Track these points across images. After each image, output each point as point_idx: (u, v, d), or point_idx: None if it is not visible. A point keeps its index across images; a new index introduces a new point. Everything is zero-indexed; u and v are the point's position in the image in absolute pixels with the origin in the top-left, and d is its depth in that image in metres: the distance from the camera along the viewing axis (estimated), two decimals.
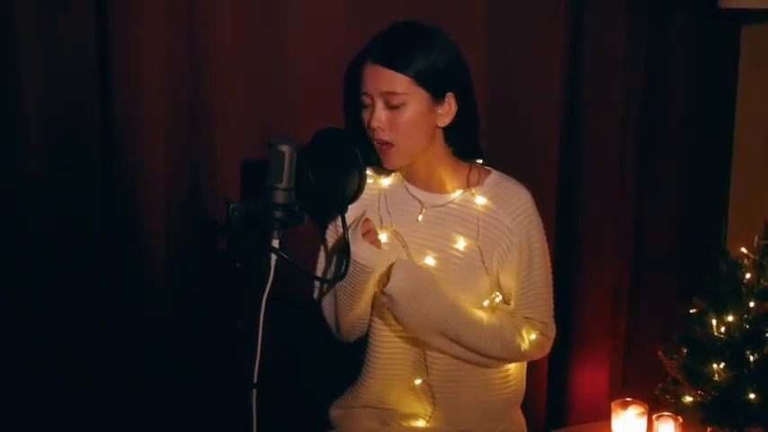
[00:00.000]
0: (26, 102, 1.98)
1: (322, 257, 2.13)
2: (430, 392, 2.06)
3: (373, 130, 1.95)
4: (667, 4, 2.58)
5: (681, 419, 2.31)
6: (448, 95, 1.98)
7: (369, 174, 2.02)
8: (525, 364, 2.18)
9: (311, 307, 2.14)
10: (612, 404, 2.44)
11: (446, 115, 1.99)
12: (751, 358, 2.14)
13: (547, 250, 2.10)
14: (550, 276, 2.11)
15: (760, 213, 2.22)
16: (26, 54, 1.97)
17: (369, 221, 1.97)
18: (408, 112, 1.94)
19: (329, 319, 2.10)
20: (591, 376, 2.63)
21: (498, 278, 2.04)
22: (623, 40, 2.50)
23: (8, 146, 1.99)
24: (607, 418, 2.45)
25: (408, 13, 2.14)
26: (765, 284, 2.16)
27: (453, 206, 2.04)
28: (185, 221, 2.14)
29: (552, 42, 2.42)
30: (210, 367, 2.11)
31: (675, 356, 2.23)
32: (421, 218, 2.04)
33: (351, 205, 1.91)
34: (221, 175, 2.14)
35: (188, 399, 2.15)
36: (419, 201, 2.05)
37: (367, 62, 1.95)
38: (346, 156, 1.86)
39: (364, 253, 1.92)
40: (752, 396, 2.12)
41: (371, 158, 1.97)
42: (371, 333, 2.07)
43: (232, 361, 1.84)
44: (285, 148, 1.79)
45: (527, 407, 2.26)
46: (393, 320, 2.01)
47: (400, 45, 1.94)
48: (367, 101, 1.97)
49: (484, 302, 2.05)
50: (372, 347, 2.07)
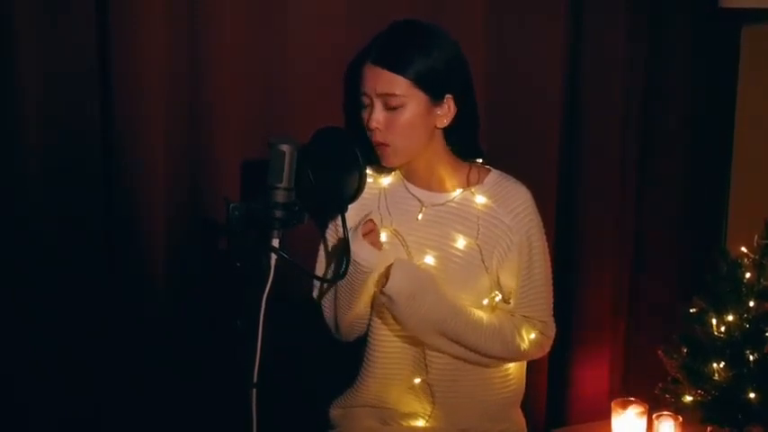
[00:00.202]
0: (26, 102, 1.98)
1: (322, 257, 2.13)
2: (429, 392, 2.07)
3: (371, 131, 1.95)
4: (667, 4, 2.58)
5: (681, 419, 2.32)
6: (447, 97, 1.98)
7: (369, 173, 2.02)
8: (525, 364, 2.18)
9: (311, 307, 2.14)
10: (612, 403, 2.44)
11: (445, 116, 1.99)
12: (751, 358, 2.14)
13: (547, 249, 2.10)
14: (550, 275, 2.11)
15: (760, 213, 2.22)
16: (26, 54, 1.97)
17: (371, 222, 1.97)
18: (406, 114, 1.94)
19: (328, 319, 2.11)
20: (591, 375, 2.63)
21: (498, 277, 2.04)
22: (623, 40, 2.51)
23: (8, 146, 1.99)
24: (607, 418, 2.45)
25: (408, 13, 2.13)
26: (765, 284, 2.16)
27: (453, 205, 2.04)
28: (185, 221, 2.14)
29: (552, 42, 2.42)
30: (210, 367, 2.11)
31: (675, 356, 2.23)
32: (421, 217, 2.04)
33: (351, 205, 1.92)
34: (221, 175, 2.14)
35: (188, 399, 2.15)
36: (419, 200, 2.05)
37: (367, 63, 1.95)
38: (346, 155, 1.86)
39: (364, 253, 1.93)
40: (752, 395, 2.12)
41: (371, 158, 1.97)
42: (371, 332, 2.07)
43: (232, 361, 1.84)
44: (285, 148, 1.79)
45: (527, 406, 2.26)
46: (392, 320, 2.01)
47: (400, 46, 1.94)
48: (366, 101, 1.97)
49: (483, 301, 2.05)
50: (372, 347, 2.07)
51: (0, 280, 2.03)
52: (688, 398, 2.20)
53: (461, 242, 2.02)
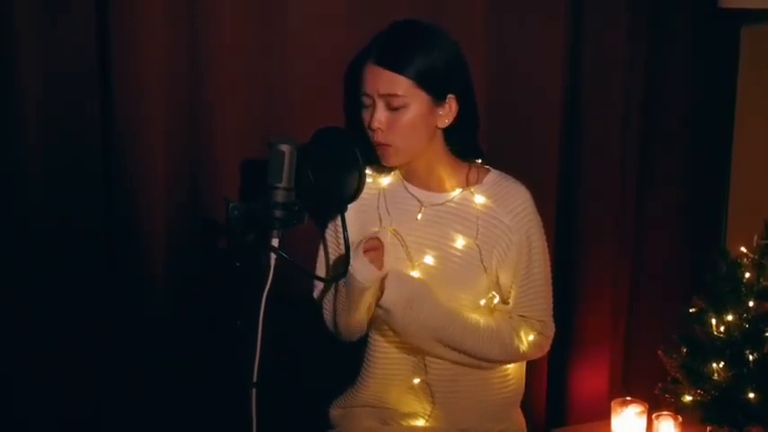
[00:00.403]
0: (26, 102, 1.98)
1: (322, 257, 2.13)
2: (429, 392, 2.07)
3: (373, 131, 1.95)
4: (667, 4, 2.58)
5: (680, 418, 2.32)
6: (449, 97, 1.98)
7: (368, 173, 2.02)
8: (524, 364, 2.18)
9: (311, 307, 2.14)
10: (612, 403, 2.44)
11: (446, 116, 1.99)
12: (750, 358, 2.14)
13: (546, 249, 2.10)
14: (550, 275, 2.11)
15: (759, 213, 2.22)
16: (26, 54, 1.97)
17: (377, 240, 1.95)
18: (409, 114, 1.94)
19: (328, 321, 2.11)
20: (591, 375, 2.63)
21: (497, 277, 2.04)
22: (623, 40, 2.50)
23: (8, 146, 1.99)
24: (607, 418, 2.45)
25: (408, 13, 2.13)
26: (765, 284, 2.16)
27: (452, 205, 2.04)
28: (185, 221, 2.14)
29: (552, 42, 2.42)
30: (210, 367, 2.11)
31: (675, 356, 2.23)
32: (420, 217, 2.04)
33: (350, 204, 1.92)
34: (221, 175, 2.14)
35: (188, 398, 2.15)
36: (418, 200, 2.05)
37: (368, 63, 1.95)
38: (346, 155, 1.86)
39: (361, 270, 1.92)
40: (751, 395, 2.12)
41: (371, 158, 1.98)
42: (371, 333, 2.07)
43: (232, 360, 1.84)
44: (285, 148, 1.79)
45: (527, 406, 2.27)
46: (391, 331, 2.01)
47: (401, 46, 1.94)
48: (367, 101, 1.96)
49: (481, 301, 2.05)
50: (371, 347, 2.07)
51: (0, 280, 2.03)
52: (688, 398, 2.20)
53: (461, 242, 2.02)
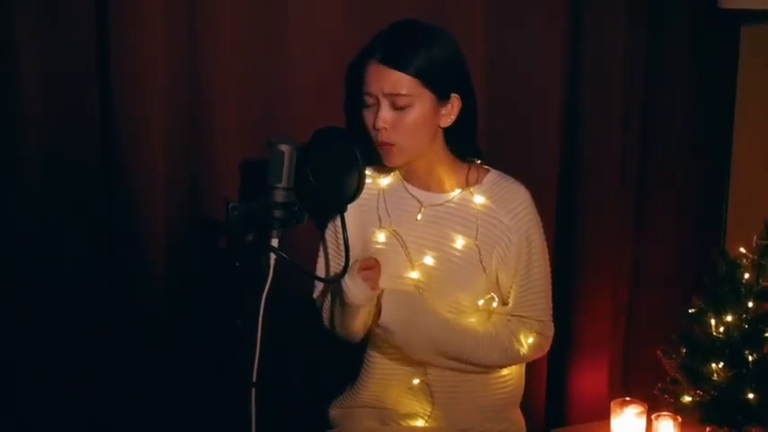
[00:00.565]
0: (26, 102, 1.98)
1: (321, 257, 2.13)
2: (428, 392, 2.07)
3: (377, 131, 1.95)
4: (667, 5, 2.58)
5: (680, 419, 2.32)
6: (453, 96, 1.98)
7: (367, 173, 2.02)
8: (524, 364, 2.18)
9: (311, 307, 2.14)
10: (612, 403, 2.44)
11: (449, 115, 1.99)
12: (750, 358, 2.14)
13: (546, 249, 2.10)
14: (549, 275, 2.11)
15: (759, 213, 2.22)
16: (26, 54, 1.97)
17: (372, 260, 1.95)
18: (413, 114, 1.93)
19: (326, 321, 2.11)
20: (590, 376, 2.62)
21: (497, 277, 2.04)
22: (623, 41, 2.50)
23: (8, 146, 1.99)
24: (606, 418, 2.45)
25: (408, 13, 2.14)
26: (764, 285, 2.16)
27: (452, 205, 2.04)
28: (185, 221, 2.14)
29: (552, 42, 2.42)
30: (210, 367, 2.11)
31: (674, 356, 2.23)
32: (420, 217, 2.04)
33: (350, 204, 1.92)
34: (221, 175, 2.14)
35: (188, 398, 2.15)
36: (418, 200, 2.05)
37: (371, 62, 1.94)
38: (346, 155, 1.86)
39: (354, 290, 1.92)
40: (751, 396, 2.12)
41: (371, 158, 1.98)
42: (370, 334, 2.07)
43: (231, 360, 1.84)
44: (285, 148, 1.79)
45: (526, 406, 2.27)
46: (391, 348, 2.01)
47: (406, 45, 1.94)
48: (370, 101, 1.96)
49: (479, 302, 2.05)
50: (371, 348, 2.08)
51: (0, 280, 2.03)
52: (687, 398, 2.20)
53: (460, 242, 2.02)
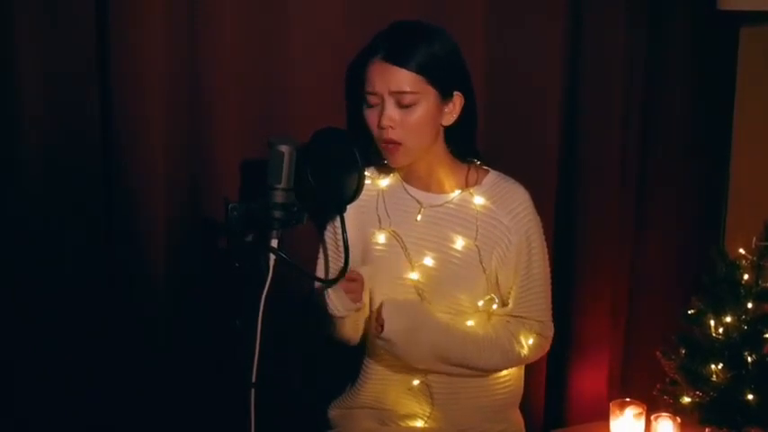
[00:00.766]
0: (26, 102, 1.98)
1: (321, 258, 2.13)
2: (428, 393, 2.07)
3: (383, 129, 1.94)
4: (667, 5, 2.58)
5: (679, 420, 2.31)
6: (455, 94, 1.98)
7: (367, 174, 2.02)
8: (523, 365, 2.18)
9: (310, 307, 2.14)
10: (611, 404, 2.44)
11: (451, 114, 1.99)
12: (749, 359, 2.14)
13: (545, 249, 2.11)
14: (549, 275, 2.12)
15: (758, 214, 2.22)
16: (26, 54, 1.97)
17: (355, 273, 1.95)
18: (419, 111, 1.94)
19: (326, 328, 2.10)
20: (589, 376, 2.63)
21: (497, 278, 2.04)
22: (623, 40, 2.50)
23: (8, 146, 1.99)
24: (605, 419, 2.45)
25: (408, 13, 2.14)
26: (763, 285, 2.16)
27: (452, 206, 2.04)
28: (185, 221, 2.14)
29: (552, 42, 2.42)
30: (209, 367, 2.11)
31: (674, 357, 2.22)
32: (420, 218, 2.04)
33: (349, 205, 1.91)
34: (221, 175, 2.14)
35: (187, 398, 2.15)
36: (418, 201, 2.05)
37: (374, 61, 1.94)
38: (345, 156, 1.85)
39: (334, 300, 1.92)
40: (750, 397, 2.12)
41: (370, 159, 1.97)
42: (369, 337, 2.07)
43: (231, 361, 1.84)
44: (284, 149, 1.79)
45: (526, 407, 2.27)
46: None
47: (410, 43, 1.94)
48: (374, 100, 1.96)
49: (479, 302, 2.05)
50: (370, 349, 2.08)
51: (0, 280, 2.03)
52: (686, 399, 2.20)
53: (460, 243, 2.02)
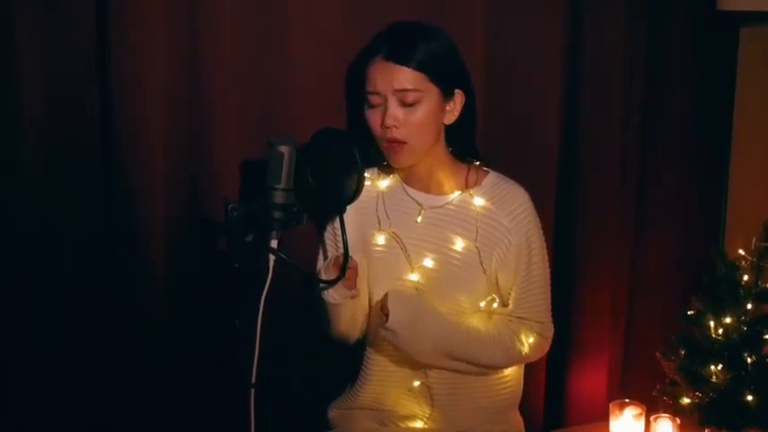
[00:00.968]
0: (26, 102, 1.98)
1: (321, 258, 2.13)
2: (428, 394, 2.07)
3: (387, 129, 1.94)
4: (667, 5, 2.58)
5: (678, 421, 2.31)
6: (456, 92, 1.98)
7: (366, 176, 2.00)
8: (523, 366, 2.18)
9: (309, 308, 2.14)
10: (610, 405, 2.43)
11: (453, 112, 1.99)
12: (749, 360, 2.14)
13: (545, 250, 2.11)
14: (549, 276, 2.12)
15: (758, 215, 2.23)
16: (26, 54, 1.97)
17: (351, 260, 1.94)
18: (422, 110, 1.93)
19: (323, 327, 2.10)
20: (589, 377, 2.63)
21: (497, 279, 2.04)
22: (623, 40, 2.50)
23: (8, 146, 1.99)
24: (605, 419, 2.44)
25: (408, 13, 2.14)
26: (763, 286, 2.16)
27: (452, 207, 2.04)
28: (185, 221, 2.14)
29: (552, 42, 2.42)
30: (209, 367, 2.11)
31: (673, 358, 2.23)
32: (420, 219, 2.04)
33: (349, 206, 1.91)
34: (221, 175, 2.14)
35: (187, 399, 2.15)
36: (418, 202, 2.05)
37: (376, 60, 1.94)
38: (345, 156, 1.85)
39: (330, 288, 1.94)
40: (750, 398, 2.13)
41: (370, 160, 1.97)
42: (369, 336, 2.07)
43: (231, 361, 1.84)
44: (284, 149, 1.79)
45: (525, 408, 2.27)
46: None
47: (411, 42, 1.93)
48: (376, 100, 1.95)
49: (480, 303, 2.05)
50: (370, 350, 2.08)
51: (0, 280, 2.03)
52: (686, 400, 2.21)
53: (460, 244, 2.02)
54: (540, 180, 2.41)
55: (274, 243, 1.80)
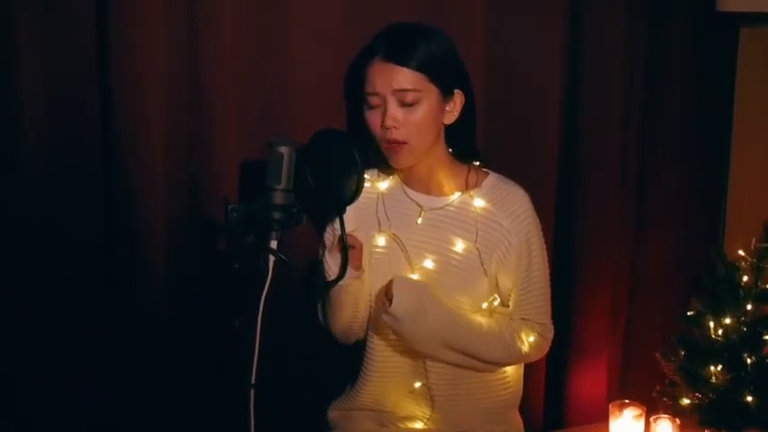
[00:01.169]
0: (26, 102, 1.98)
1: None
2: (429, 395, 2.06)
3: (387, 129, 1.94)
4: (667, 5, 2.58)
5: (678, 421, 2.31)
6: (456, 92, 1.98)
7: (366, 177, 2.00)
8: (522, 366, 2.18)
9: (309, 308, 2.14)
10: (610, 406, 2.43)
11: (453, 112, 1.99)
12: (748, 361, 2.15)
13: (545, 252, 2.10)
14: (548, 278, 2.11)
15: (758, 215, 2.23)
16: (26, 54, 1.97)
17: (353, 238, 1.94)
18: (422, 110, 1.93)
19: (322, 322, 2.11)
20: (589, 378, 2.63)
21: (497, 280, 2.04)
22: (623, 40, 2.50)
23: (8, 146, 1.99)
24: (605, 420, 2.45)
25: (408, 13, 2.14)
26: (763, 287, 2.17)
27: (452, 209, 2.04)
28: (185, 221, 2.14)
29: (552, 42, 2.42)
30: (209, 367, 2.12)
31: (673, 358, 2.23)
32: (420, 221, 2.04)
33: (349, 207, 1.91)
34: (221, 175, 2.14)
35: (187, 399, 2.15)
36: (418, 204, 2.05)
37: (375, 61, 1.94)
38: (345, 157, 1.84)
39: (333, 267, 1.94)
40: (749, 399, 2.13)
41: (370, 161, 1.97)
42: (369, 336, 2.07)
43: (230, 361, 1.84)
44: (284, 150, 1.79)
45: (525, 408, 2.27)
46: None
47: (410, 42, 1.93)
48: (376, 101, 1.95)
49: (482, 305, 2.05)
50: (370, 350, 2.07)
51: (0, 280, 2.03)
52: (686, 401, 2.21)
53: (460, 246, 2.02)
54: (540, 180, 2.41)
55: (274, 244, 1.79)
